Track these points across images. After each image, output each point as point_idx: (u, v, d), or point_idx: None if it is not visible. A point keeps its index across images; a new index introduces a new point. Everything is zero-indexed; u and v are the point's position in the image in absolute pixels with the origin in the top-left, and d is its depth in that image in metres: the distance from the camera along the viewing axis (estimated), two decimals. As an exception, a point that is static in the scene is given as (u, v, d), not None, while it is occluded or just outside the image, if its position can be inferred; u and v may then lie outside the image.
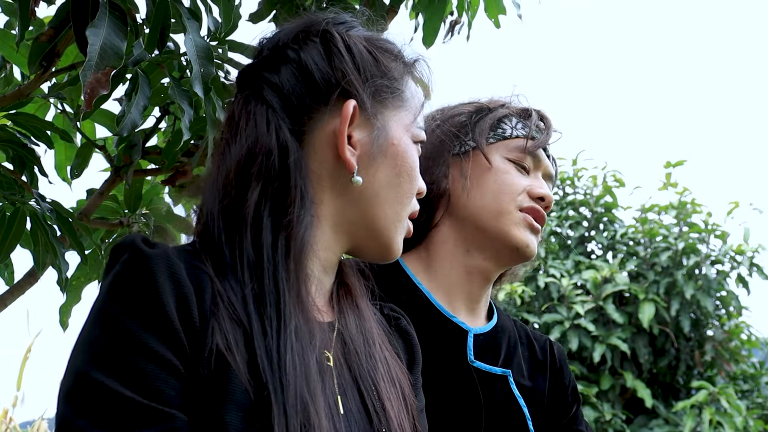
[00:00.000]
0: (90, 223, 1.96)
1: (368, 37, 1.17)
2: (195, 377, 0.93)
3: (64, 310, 2.12)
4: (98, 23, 1.29)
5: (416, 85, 1.20)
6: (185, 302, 0.95)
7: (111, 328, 0.91)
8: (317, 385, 0.99)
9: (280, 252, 1.03)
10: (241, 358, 0.95)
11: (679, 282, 7.05)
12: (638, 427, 6.85)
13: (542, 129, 1.61)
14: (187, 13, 1.51)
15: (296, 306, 1.01)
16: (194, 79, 1.45)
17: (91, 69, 1.26)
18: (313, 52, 1.12)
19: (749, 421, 6.49)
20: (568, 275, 7.21)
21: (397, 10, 2.21)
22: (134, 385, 0.88)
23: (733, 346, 7.39)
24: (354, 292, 1.19)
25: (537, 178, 1.58)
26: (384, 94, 1.12)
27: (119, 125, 1.50)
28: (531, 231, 1.54)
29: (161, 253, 0.97)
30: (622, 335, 6.88)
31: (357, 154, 1.09)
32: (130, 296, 0.93)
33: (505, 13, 2.45)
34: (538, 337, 1.68)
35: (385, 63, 1.14)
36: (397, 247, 1.15)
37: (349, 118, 1.08)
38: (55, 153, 2.09)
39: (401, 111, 1.14)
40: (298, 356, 0.98)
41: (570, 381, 1.65)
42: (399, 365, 1.20)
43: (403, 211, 1.14)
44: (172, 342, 0.92)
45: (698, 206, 7.52)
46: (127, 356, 0.89)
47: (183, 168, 1.95)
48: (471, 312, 1.57)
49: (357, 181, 1.08)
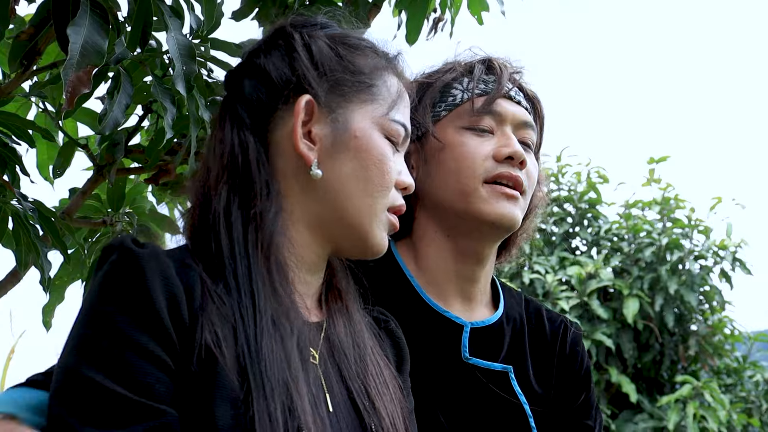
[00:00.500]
0: (73, 223, 1.95)
1: (336, 34, 1.19)
2: (185, 373, 0.94)
3: (47, 310, 2.11)
4: (79, 21, 1.28)
5: (395, 78, 1.20)
6: (174, 300, 0.96)
7: (101, 325, 0.92)
8: (299, 372, 1.01)
9: (251, 243, 1.06)
10: (230, 353, 0.97)
11: (663, 277, 7.09)
12: (623, 422, 6.89)
13: (491, 80, 1.49)
14: (169, 11, 1.50)
15: (271, 296, 1.03)
16: (177, 78, 1.45)
17: (73, 67, 1.25)
18: (274, 55, 1.17)
19: (733, 414, 6.54)
20: (552, 271, 7.23)
21: (380, 7, 2.21)
22: (125, 382, 0.89)
23: (716, 341, 7.44)
24: (344, 296, 1.21)
25: (503, 135, 1.44)
26: (346, 87, 1.14)
27: (101, 124, 1.49)
28: (506, 199, 1.41)
29: (151, 252, 0.98)
30: (607, 331, 6.91)
31: (317, 148, 1.11)
32: (120, 294, 0.94)
33: (488, 9, 2.46)
34: (553, 318, 1.58)
35: (349, 58, 1.16)
36: (376, 242, 1.15)
37: (303, 113, 1.11)
38: (37, 152, 2.08)
39: (369, 104, 1.15)
40: (276, 343, 1.00)
41: (582, 366, 1.54)
42: (389, 368, 1.22)
43: (375, 204, 1.13)
44: (162, 339, 0.94)
45: (681, 202, 7.56)
46: (118, 353, 0.91)
47: (166, 166, 1.95)
48: (468, 300, 1.49)
49: (316, 175, 1.10)
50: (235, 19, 2.06)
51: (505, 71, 1.49)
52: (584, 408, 1.53)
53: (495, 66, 1.50)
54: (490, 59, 1.52)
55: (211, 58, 1.74)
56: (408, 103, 1.21)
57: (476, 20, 2.47)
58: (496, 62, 1.51)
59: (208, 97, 1.71)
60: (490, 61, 1.51)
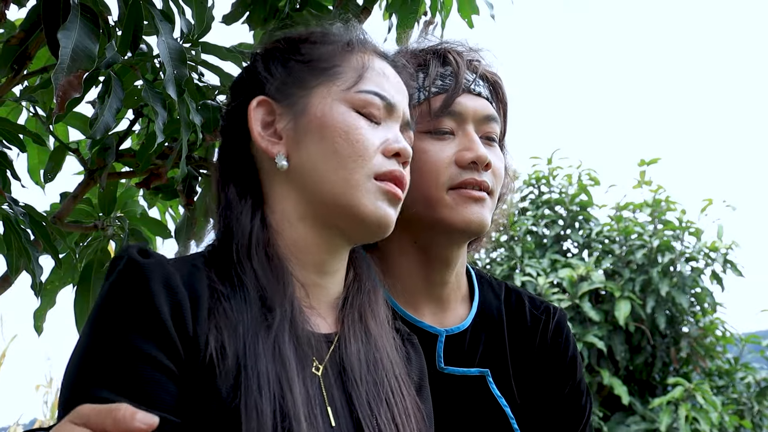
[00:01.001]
0: (64, 227, 1.94)
1: (295, 36, 1.23)
2: (189, 379, 0.96)
3: (38, 315, 2.11)
4: (70, 26, 1.28)
5: (366, 56, 1.20)
6: (179, 309, 0.98)
7: (106, 335, 0.94)
8: (294, 370, 1.02)
9: (237, 242, 1.10)
10: (231, 353, 0.98)
11: (655, 279, 7.10)
12: (615, 424, 6.90)
13: (448, 73, 1.40)
14: (160, 15, 1.50)
15: (257, 290, 1.06)
16: (167, 81, 1.45)
17: (63, 72, 1.25)
18: (241, 73, 1.27)
19: (724, 416, 6.55)
20: (544, 274, 7.25)
21: (370, 10, 2.21)
22: (129, 391, 0.91)
23: (708, 343, 7.45)
24: (365, 314, 1.19)
25: (465, 137, 1.37)
26: (302, 76, 1.16)
27: (92, 128, 1.49)
28: (473, 203, 1.35)
29: (156, 262, 1.00)
30: (599, 333, 6.92)
31: (284, 143, 1.14)
32: (125, 304, 0.96)
33: (479, 13, 2.46)
34: (537, 304, 1.51)
35: (305, 51, 1.19)
36: (369, 212, 1.12)
37: (261, 112, 1.17)
38: (28, 156, 2.08)
39: (330, 84, 1.16)
40: (262, 338, 1.01)
41: (566, 354, 1.48)
42: (411, 392, 1.19)
43: (352, 175, 1.11)
44: (167, 347, 0.95)
45: (672, 204, 7.58)
46: (123, 362, 0.92)
47: (157, 170, 1.95)
48: (440, 303, 1.44)
49: (282, 166, 1.13)
50: (226, 22, 2.07)
51: (462, 62, 1.41)
52: (573, 396, 1.48)
53: (450, 57, 1.42)
54: (445, 50, 1.43)
55: (202, 61, 1.74)
56: (386, 74, 1.20)
57: (466, 23, 2.48)
58: (452, 52, 1.43)
59: (199, 101, 1.71)
60: (444, 52, 1.43)
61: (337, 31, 1.23)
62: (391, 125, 1.17)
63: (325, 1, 2.17)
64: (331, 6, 2.14)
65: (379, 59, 1.21)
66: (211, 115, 1.77)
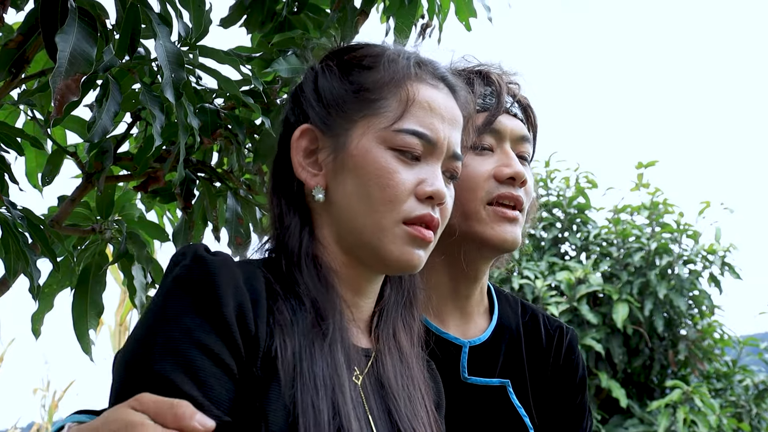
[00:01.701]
0: (62, 230, 1.94)
1: (351, 56, 1.21)
2: (248, 378, 0.97)
3: (36, 318, 2.10)
4: (67, 29, 1.28)
5: (419, 86, 1.17)
6: (242, 308, 0.99)
7: (171, 323, 0.94)
8: (345, 377, 1.05)
9: (289, 254, 1.13)
10: (288, 359, 1.00)
11: (652, 282, 7.11)
12: (613, 427, 6.90)
13: (489, 93, 1.45)
14: (158, 19, 1.50)
15: (310, 299, 1.09)
16: (165, 85, 1.45)
17: (61, 75, 1.25)
18: (294, 92, 1.25)
19: (723, 419, 6.55)
20: (542, 276, 7.25)
21: (368, 14, 2.22)
22: (192, 380, 0.91)
23: (706, 345, 7.46)
24: (398, 333, 1.21)
25: (504, 153, 1.42)
26: (347, 107, 1.15)
27: (90, 131, 1.49)
28: (507, 222, 1.40)
29: (222, 260, 1.01)
30: (597, 336, 6.93)
31: (323, 174, 1.15)
32: (190, 297, 0.97)
33: (476, 16, 2.46)
34: (550, 322, 1.57)
35: (355, 78, 1.17)
36: (394, 258, 1.12)
37: (305, 141, 1.16)
38: (26, 160, 2.07)
39: (372, 119, 1.14)
40: (318, 342, 1.05)
41: (577, 373, 1.53)
42: (430, 402, 1.22)
43: (381, 220, 1.11)
44: (230, 344, 0.96)
45: (670, 206, 7.59)
46: (186, 350, 0.92)
47: (155, 174, 1.95)
48: (464, 315, 1.48)
49: (318, 199, 1.14)
50: (224, 26, 2.07)
51: (503, 83, 1.45)
52: (577, 413, 1.53)
53: (493, 78, 1.46)
54: (488, 71, 1.47)
55: (200, 65, 1.74)
56: (433, 107, 1.16)
57: (464, 26, 2.48)
58: (494, 74, 1.47)
59: (197, 105, 1.72)
60: (487, 73, 1.47)
61: (392, 55, 1.19)
62: (431, 163, 1.15)
63: (322, 4, 2.17)
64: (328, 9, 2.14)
65: (431, 88, 1.17)
66: (208, 119, 1.77)
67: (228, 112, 1.87)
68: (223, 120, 1.85)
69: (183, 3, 1.71)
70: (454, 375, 1.43)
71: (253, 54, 1.93)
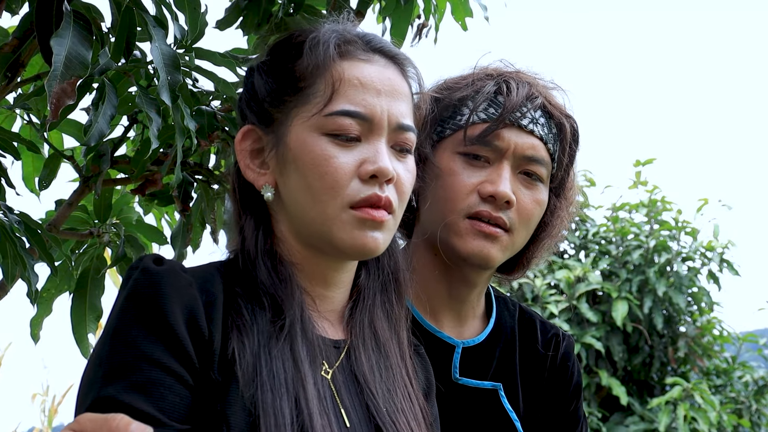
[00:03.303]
0: (59, 234, 1.94)
1: (282, 43, 1.20)
2: (205, 383, 0.98)
3: (35, 323, 2.10)
4: (63, 33, 1.28)
5: (348, 63, 1.13)
6: (192, 313, 1.00)
7: (120, 343, 0.96)
8: (308, 374, 1.04)
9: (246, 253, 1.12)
10: (248, 360, 1.00)
11: (651, 279, 7.10)
12: (614, 424, 6.89)
13: (498, 103, 1.38)
14: (153, 21, 1.50)
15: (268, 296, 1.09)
16: (161, 88, 1.45)
17: (57, 79, 1.25)
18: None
19: (723, 415, 6.56)
20: (541, 275, 7.24)
21: (364, 14, 2.21)
22: (138, 392, 0.92)
23: (705, 342, 7.45)
24: (375, 323, 1.20)
25: (496, 169, 1.36)
26: (284, 102, 1.14)
27: (87, 135, 1.49)
28: (482, 238, 1.36)
29: (168, 269, 1.02)
30: (597, 334, 6.92)
31: (270, 172, 1.14)
32: (137, 311, 0.98)
33: (472, 15, 2.46)
34: (547, 329, 1.55)
35: (289, 65, 1.15)
36: (347, 245, 1.10)
37: (247, 143, 1.16)
38: (23, 164, 2.07)
39: (303, 108, 1.12)
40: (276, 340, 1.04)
41: (572, 380, 1.52)
42: (419, 397, 1.21)
43: (327, 208, 1.09)
44: (177, 352, 0.97)
45: (668, 204, 7.58)
46: (133, 366, 0.94)
47: (152, 177, 1.94)
48: (459, 318, 1.47)
49: (267, 198, 1.14)
50: (220, 28, 2.06)
51: (518, 95, 1.38)
52: (572, 421, 1.53)
53: (510, 88, 1.39)
54: (508, 80, 1.41)
55: (196, 67, 1.74)
56: (365, 82, 1.12)
57: (460, 26, 2.48)
58: (513, 83, 1.40)
59: (194, 107, 1.71)
60: (507, 82, 1.40)
61: (314, 39, 1.15)
62: (372, 140, 1.11)
63: (318, 5, 2.16)
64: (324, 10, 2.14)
65: (362, 63, 1.13)
66: (205, 121, 1.77)
67: (225, 114, 1.86)
68: (220, 122, 1.84)
69: (178, 5, 1.71)
70: (446, 375, 1.42)
71: (249, 56, 1.93)
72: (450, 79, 1.47)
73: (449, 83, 1.45)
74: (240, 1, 2.00)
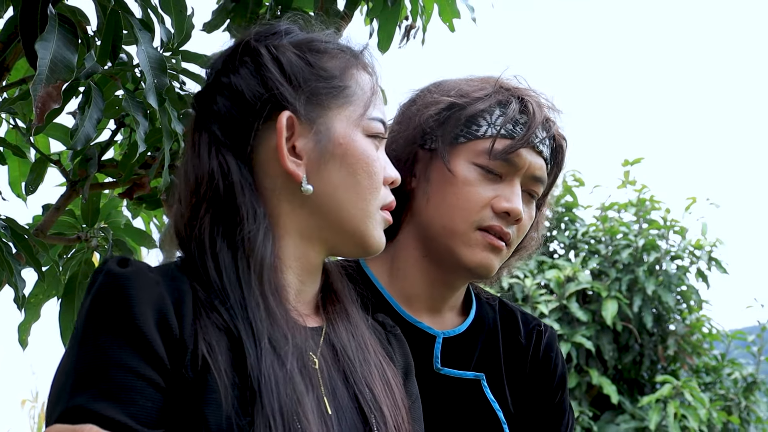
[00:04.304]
0: (47, 239, 1.93)
1: (300, 41, 1.17)
2: (179, 383, 0.95)
3: (23, 329, 2.09)
4: (48, 36, 1.27)
5: (366, 74, 1.19)
6: (162, 313, 0.97)
7: (88, 350, 0.94)
8: (303, 392, 1.02)
9: (242, 271, 1.05)
10: (224, 359, 0.98)
11: (641, 278, 7.12)
12: (605, 423, 6.91)
13: (523, 124, 1.41)
14: (139, 24, 1.49)
15: (267, 319, 1.03)
16: (148, 91, 1.44)
17: (42, 83, 1.24)
18: (244, 73, 1.14)
19: (713, 413, 6.58)
20: (531, 275, 7.25)
21: (351, 16, 2.21)
22: (108, 399, 0.90)
23: (695, 340, 7.48)
24: (342, 299, 1.21)
25: (510, 186, 1.40)
26: (322, 95, 1.12)
27: (73, 139, 1.48)
28: (490, 250, 1.39)
29: (134, 270, 0.99)
30: (587, 333, 6.94)
31: (304, 163, 1.10)
32: (103, 315, 0.95)
33: (459, 16, 2.46)
34: (528, 320, 1.56)
35: (320, 64, 1.14)
36: (375, 242, 1.16)
37: (285, 129, 1.09)
38: (9, 169, 2.06)
39: (347, 107, 1.14)
40: (277, 367, 1.00)
41: (556, 371, 1.53)
42: (393, 371, 1.21)
43: (368, 206, 1.13)
44: (147, 354, 0.94)
45: (657, 203, 7.60)
46: (102, 373, 0.91)
47: (140, 180, 1.94)
48: (438, 312, 1.48)
49: (307, 190, 1.10)
50: (207, 31, 2.06)
51: (539, 116, 1.41)
52: (557, 413, 1.53)
53: (529, 109, 1.42)
54: (528, 99, 1.43)
55: (183, 70, 1.73)
56: (380, 95, 1.21)
57: (448, 27, 2.48)
58: (533, 103, 1.43)
59: (181, 110, 1.71)
60: (527, 101, 1.43)
61: (342, 42, 1.20)
62: (381, 149, 1.19)
63: (306, 7, 2.16)
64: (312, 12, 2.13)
65: (375, 77, 1.21)
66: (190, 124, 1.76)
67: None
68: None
69: (165, 8, 1.70)
70: (427, 365, 1.42)
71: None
72: (455, 83, 1.47)
73: (463, 90, 1.44)
74: (227, 3, 2.00)
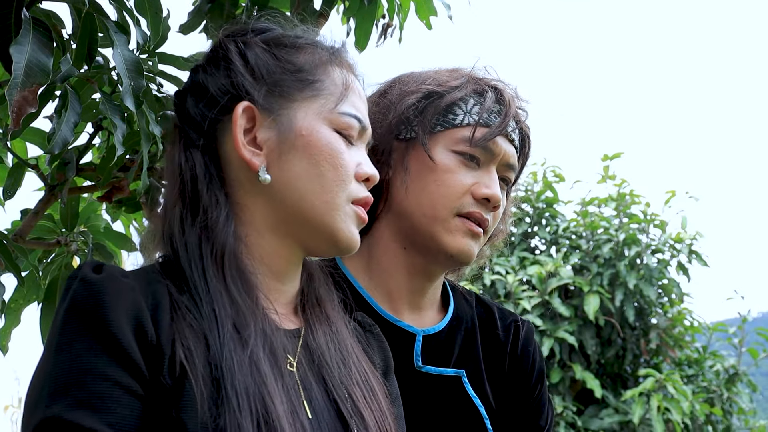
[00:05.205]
0: (26, 244, 1.92)
1: (270, 37, 1.19)
2: (157, 389, 0.95)
3: (3, 334, 2.08)
4: (22, 40, 1.27)
5: (342, 71, 1.20)
6: (138, 319, 0.97)
7: (63, 358, 0.93)
8: (271, 379, 1.01)
9: (205, 256, 1.07)
10: (201, 363, 0.97)
11: (622, 273, 7.16)
12: (589, 417, 6.94)
13: (497, 112, 1.45)
14: (115, 27, 1.49)
15: (229, 305, 1.04)
16: (125, 93, 1.44)
17: (17, 87, 1.24)
18: (211, 69, 1.18)
19: (695, 405, 6.62)
20: (513, 272, 7.28)
21: (327, 15, 2.21)
22: (85, 407, 0.89)
23: (676, 333, 7.53)
24: (323, 303, 1.21)
25: (487, 173, 1.44)
26: (285, 87, 1.14)
27: (50, 143, 1.48)
28: (470, 237, 1.42)
29: (107, 276, 0.99)
30: (569, 328, 6.97)
31: (264, 153, 1.12)
32: (78, 323, 0.95)
33: (436, 14, 2.47)
34: (505, 316, 1.58)
35: (287, 57, 1.16)
36: (345, 236, 1.15)
37: (243, 120, 1.12)
38: (-14, 174, 2.05)
39: (315, 100, 1.15)
40: (241, 352, 1.01)
41: (536, 363, 1.55)
42: (375, 374, 1.22)
43: (335, 199, 1.13)
44: (123, 361, 0.94)
45: (637, 197, 7.65)
46: (78, 381, 0.91)
47: (119, 183, 1.93)
48: (416, 309, 1.49)
49: (265, 180, 1.11)
50: (183, 32, 2.05)
51: (513, 106, 1.47)
52: (536, 407, 1.54)
53: (505, 99, 1.47)
54: (503, 90, 1.49)
55: (160, 72, 1.73)
56: (361, 94, 1.21)
57: (425, 25, 2.48)
58: (507, 94, 1.48)
59: (158, 112, 1.70)
60: (501, 92, 1.48)
61: (317, 39, 1.22)
62: (360, 147, 1.19)
63: (282, 7, 2.16)
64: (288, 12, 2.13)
65: (353, 76, 1.22)
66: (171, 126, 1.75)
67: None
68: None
69: (140, 10, 1.70)
70: (408, 363, 1.42)
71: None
72: (426, 74, 1.51)
73: (439, 80, 1.48)
74: (203, 5, 2.00)
